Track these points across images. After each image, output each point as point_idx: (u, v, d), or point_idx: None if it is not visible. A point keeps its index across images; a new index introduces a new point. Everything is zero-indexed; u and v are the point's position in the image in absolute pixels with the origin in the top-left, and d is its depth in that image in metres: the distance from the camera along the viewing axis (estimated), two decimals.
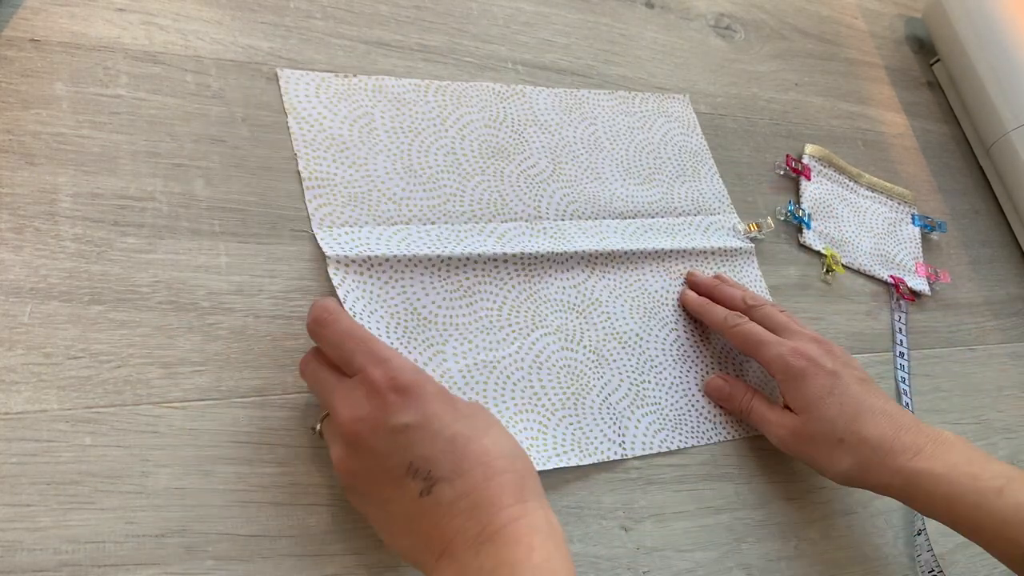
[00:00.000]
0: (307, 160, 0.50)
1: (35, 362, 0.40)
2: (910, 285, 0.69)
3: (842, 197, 0.71)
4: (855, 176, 0.73)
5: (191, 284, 0.44)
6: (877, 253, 0.70)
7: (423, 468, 0.36)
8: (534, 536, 0.34)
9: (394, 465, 0.36)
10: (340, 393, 0.38)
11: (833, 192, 0.71)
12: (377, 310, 0.47)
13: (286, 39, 0.54)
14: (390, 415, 0.36)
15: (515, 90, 0.60)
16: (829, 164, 0.72)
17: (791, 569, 0.52)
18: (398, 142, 0.54)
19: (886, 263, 0.70)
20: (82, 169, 0.45)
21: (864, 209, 0.72)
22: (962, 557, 0.58)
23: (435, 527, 0.35)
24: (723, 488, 0.53)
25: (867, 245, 0.70)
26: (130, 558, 0.37)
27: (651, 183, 0.62)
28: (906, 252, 0.72)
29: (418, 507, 0.36)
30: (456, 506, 0.35)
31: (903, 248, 0.72)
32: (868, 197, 0.73)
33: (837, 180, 0.72)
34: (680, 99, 0.68)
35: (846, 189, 0.72)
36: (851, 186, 0.72)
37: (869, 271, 0.69)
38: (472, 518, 0.35)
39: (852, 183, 0.73)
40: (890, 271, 0.70)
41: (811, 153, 0.72)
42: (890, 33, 0.89)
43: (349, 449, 0.38)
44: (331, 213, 0.49)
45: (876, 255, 0.70)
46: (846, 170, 0.73)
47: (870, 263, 0.69)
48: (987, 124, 0.81)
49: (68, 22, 0.48)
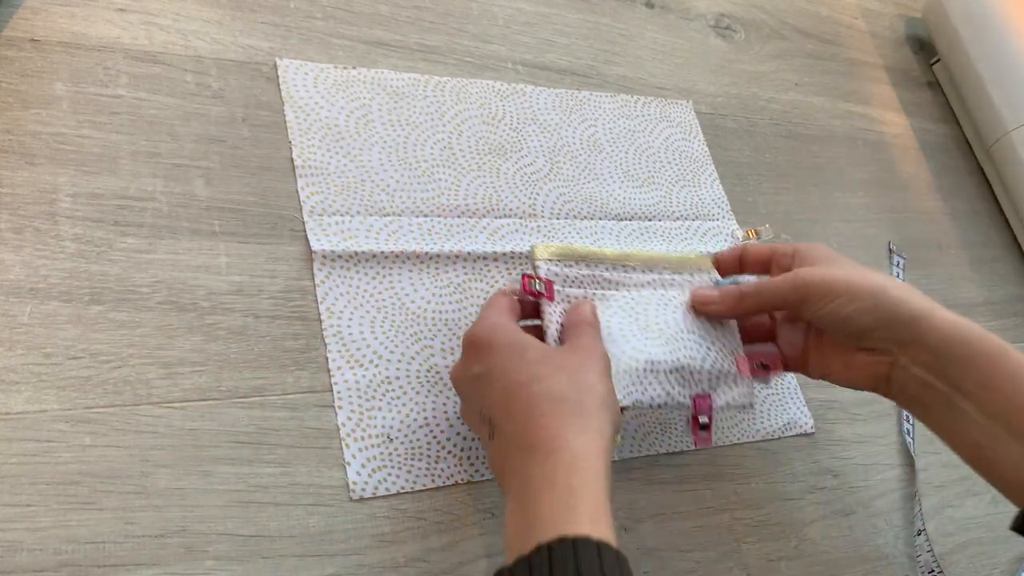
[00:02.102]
0: (301, 148, 0.50)
1: (35, 362, 0.40)
2: (720, 404, 0.48)
3: (607, 304, 0.48)
4: (619, 260, 0.50)
5: (191, 284, 0.44)
6: (677, 367, 0.47)
7: (487, 414, 0.40)
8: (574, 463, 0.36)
9: (475, 411, 0.42)
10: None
11: (593, 300, 0.48)
12: (363, 305, 0.47)
13: (286, 39, 0.54)
14: (467, 367, 0.42)
15: (515, 89, 0.60)
16: (574, 260, 0.49)
17: (791, 569, 0.52)
18: (394, 134, 0.54)
19: (690, 378, 0.47)
20: (82, 169, 0.45)
21: (644, 307, 0.49)
22: (962, 557, 0.58)
23: (501, 464, 0.40)
24: (723, 488, 0.53)
25: (663, 360, 0.46)
26: (130, 558, 0.37)
27: (650, 186, 0.62)
28: (719, 347, 0.49)
29: (490, 448, 0.41)
30: (510, 444, 0.39)
31: (713, 343, 0.49)
32: (646, 284, 0.50)
33: (592, 280, 0.49)
34: (683, 104, 0.68)
35: (610, 287, 0.49)
36: (616, 278, 0.49)
37: (668, 401, 0.46)
38: (519, 454, 0.38)
39: (616, 271, 0.49)
40: (696, 388, 0.47)
41: (546, 257, 0.48)
42: (890, 33, 0.89)
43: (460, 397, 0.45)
44: (323, 201, 0.50)
45: (676, 371, 0.47)
46: (602, 258, 0.49)
47: (669, 388, 0.46)
48: (987, 124, 0.81)
49: (68, 22, 0.48)
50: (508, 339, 0.42)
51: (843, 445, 0.59)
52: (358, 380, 0.46)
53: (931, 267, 0.74)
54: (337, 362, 0.46)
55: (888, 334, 0.44)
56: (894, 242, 0.73)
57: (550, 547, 0.33)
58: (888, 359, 0.45)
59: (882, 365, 0.45)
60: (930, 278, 0.73)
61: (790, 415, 0.58)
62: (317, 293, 0.47)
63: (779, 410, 0.58)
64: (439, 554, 0.43)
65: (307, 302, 0.46)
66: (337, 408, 0.44)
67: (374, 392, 0.46)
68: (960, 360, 0.42)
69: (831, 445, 0.58)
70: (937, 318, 0.43)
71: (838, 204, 0.72)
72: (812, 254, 0.48)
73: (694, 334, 0.49)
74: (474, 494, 0.46)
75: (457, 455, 0.46)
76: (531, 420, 0.38)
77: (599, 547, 0.33)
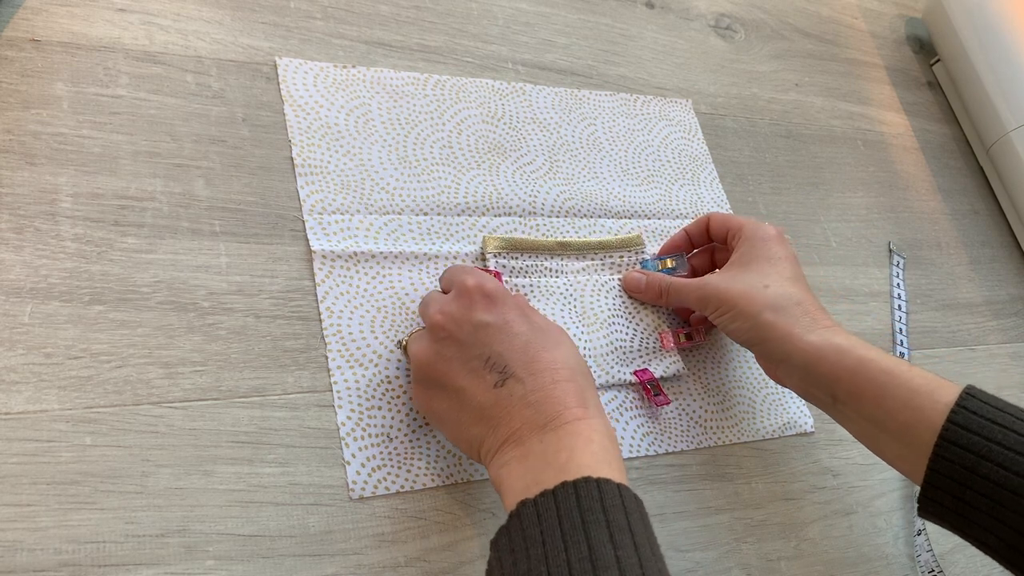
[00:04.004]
0: (301, 147, 0.51)
1: (35, 362, 0.40)
2: (659, 375, 0.54)
3: (547, 292, 0.53)
4: (557, 249, 0.55)
5: (191, 284, 0.44)
6: (612, 349, 0.53)
7: (499, 363, 0.41)
8: (592, 432, 0.39)
9: (474, 356, 0.41)
10: (438, 301, 0.44)
11: (535, 288, 0.53)
12: (363, 305, 0.48)
13: (286, 39, 0.54)
14: (475, 313, 0.42)
15: (515, 88, 0.60)
16: (519, 251, 0.53)
17: (791, 569, 0.52)
18: (394, 133, 0.54)
19: (625, 357, 0.53)
20: (82, 169, 0.45)
21: (580, 293, 0.54)
22: (962, 557, 0.58)
23: (505, 415, 0.40)
24: (723, 488, 0.53)
25: (599, 344, 0.53)
26: (130, 558, 0.37)
27: (649, 184, 0.62)
28: (645, 325, 0.55)
29: (492, 396, 0.40)
30: (525, 399, 0.40)
31: (640, 321, 0.55)
32: (582, 270, 0.55)
33: (535, 270, 0.53)
34: (682, 104, 0.68)
35: (551, 274, 0.54)
36: (556, 266, 0.54)
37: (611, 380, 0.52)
38: (539, 412, 0.39)
39: (555, 260, 0.54)
40: (633, 365, 0.53)
41: (494, 250, 0.52)
42: (890, 33, 0.89)
43: (434, 342, 0.42)
44: (323, 200, 0.50)
45: (612, 352, 0.53)
46: (540, 247, 0.54)
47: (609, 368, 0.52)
48: (987, 124, 0.81)
49: (68, 22, 0.48)
50: (516, 300, 0.44)
51: (843, 445, 0.59)
52: (358, 380, 0.46)
53: (931, 267, 0.74)
54: (337, 362, 0.46)
55: (763, 351, 0.50)
56: (894, 242, 0.73)
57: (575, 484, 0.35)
58: (773, 366, 0.50)
59: (771, 369, 0.51)
60: (930, 278, 0.73)
61: (790, 415, 0.58)
62: (317, 293, 0.47)
63: (779, 410, 0.58)
64: (439, 554, 0.43)
65: (307, 302, 0.47)
66: (337, 408, 0.44)
67: (374, 392, 0.46)
68: (827, 376, 0.47)
69: (831, 445, 0.58)
70: (802, 341, 0.47)
71: (838, 204, 0.72)
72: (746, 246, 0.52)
73: (624, 316, 0.55)
74: (474, 494, 0.46)
75: (457, 455, 0.46)
76: (556, 384, 0.40)
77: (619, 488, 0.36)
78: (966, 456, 0.41)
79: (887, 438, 0.45)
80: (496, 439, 0.40)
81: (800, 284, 0.50)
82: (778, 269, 0.50)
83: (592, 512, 0.34)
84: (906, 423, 0.44)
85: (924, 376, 0.44)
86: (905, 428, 0.44)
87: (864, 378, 0.45)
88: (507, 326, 0.42)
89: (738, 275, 0.51)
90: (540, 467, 0.37)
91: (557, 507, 0.35)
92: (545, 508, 0.35)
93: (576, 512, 0.34)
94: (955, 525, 0.43)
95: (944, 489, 0.42)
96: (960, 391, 0.43)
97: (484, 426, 0.40)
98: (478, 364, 0.41)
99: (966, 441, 0.41)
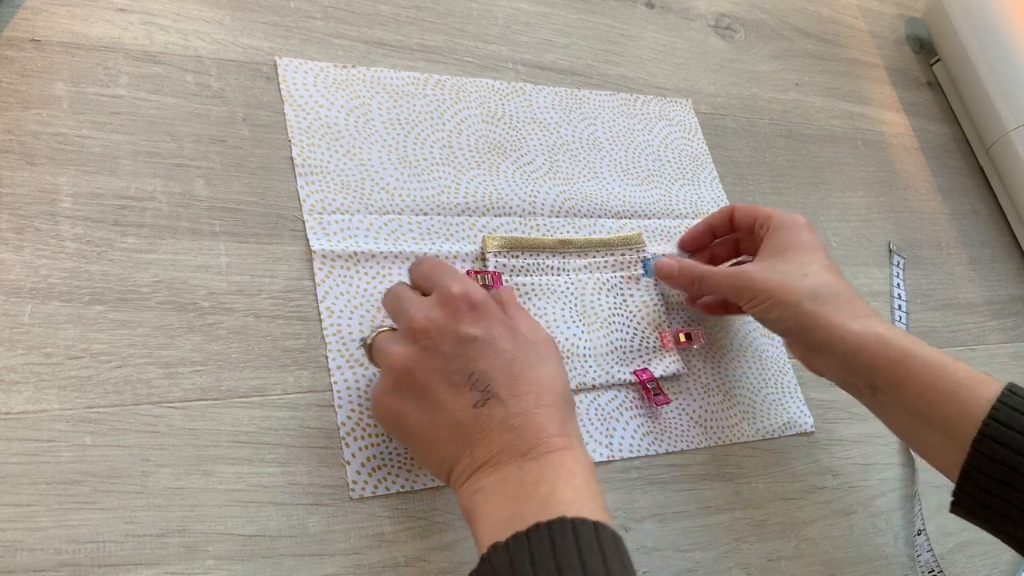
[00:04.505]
0: (301, 147, 0.51)
1: (35, 362, 0.40)
2: (659, 375, 0.54)
3: (548, 291, 0.53)
4: (558, 247, 0.55)
5: (191, 284, 0.44)
6: (612, 348, 0.53)
7: (482, 381, 0.39)
8: (575, 464, 0.37)
9: (456, 370, 0.39)
10: (418, 303, 0.41)
11: (536, 287, 0.53)
12: (363, 304, 0.48)
13: (286, 39, 0.54)
14: (461, 324, 0.40)
15: (515, 88, 0.60)
16: (519, 250, 0.53)
17: (791, 569, 0.52)
18: (394, 133, 0.54)
19: (625, 356, 0.54)
20: (82, 169, 0.45)
21: (581, 291, 0.54)
22: (962, 557, 0.58)
23: (484, 436, 0.38)
24: (723, 488, 0.53)
25: (599, 343, 0.53)
26: (130, 558, 0.37)
27: (649, 184, 0.62)
28: (645, 324, 0.55)
29: (471, 415, 0.38)
30: (506, 423, 0.38)
31: (640, 321, 0.55)
32: (583, 268, 0.55)
33: (536, 268, 0.53)
34: (682, 103, 0.68)
35: (553, 272, 0.54)
36: (557, 264, 0.54)
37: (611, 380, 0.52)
38: (520, 437, 0.38)
39: (556, 258, 0.54)
40: (633, 365, 0.54)
41: (494, 250, 0.53)
42: (890, 33, 0.89)
43: (415, 348, 0.40)
44: (323, 200, 0.50)
45: (612, 352, 0.53)
46: (541, 245, 0.54)
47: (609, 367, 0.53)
48: (987, 124, 0.81)
49: (68, 22, 0.48)
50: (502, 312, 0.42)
51: (843, 445, 0.59)
52: (358, 380, 0.46)
53: (931, 267, 0.74)
54: (337, 362, 0.46)
55: (802, 340, 0.49)
56: (894, 242, 0.73)
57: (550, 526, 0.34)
58: (811, 355, 0.50)
59: (808, 358, 0.50)
60: (930, 278, 0.73)
61: (790, 415, 0.58)
62: (317, 293, 0.47)
63: (779, 410, 0.58)
64: (439, 554, 0.43)
65: (307, 302, 0.47)
66: (337, 408, 0.44)
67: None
68: (868, 366, 0.46)
69: (831, 445, 0.58)
70: (843, 330, 0.47)
71: (838, 204, 0.72)
72: (778, 235, 0.52)
73: (624, 315, 0.55)
74: None
75: None
76: (539, 409, 0.39)
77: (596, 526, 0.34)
78: (1005, 452, 0.41)
79: (929, 431, 0.45)
80: (472, 461, 0.38)
81: (836, 273, 0.50)
82: (815, 258, 0.50)
83: (567, 558, 0.33)
84: (949, 417, 0.43)
85: (967, 370, 0.44)
86: (948, 422, 0.43)
87: (906, 369, 0.45)
88: (493, 342, 0.40)
89: (775, 264, 0.50)
90: (520, 497, 0.36)
91: (531, 555, 0.33)
92: (518, 556, 0.33)
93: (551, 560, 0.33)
94: (987, 520, 0.43)
95: (980, 484, 0.42)
96: (1003, 388, 0.43)
97: (459, 446, 0.38)
98: (460, 379, 0.39)
99: (1007, 438, 0.41)
